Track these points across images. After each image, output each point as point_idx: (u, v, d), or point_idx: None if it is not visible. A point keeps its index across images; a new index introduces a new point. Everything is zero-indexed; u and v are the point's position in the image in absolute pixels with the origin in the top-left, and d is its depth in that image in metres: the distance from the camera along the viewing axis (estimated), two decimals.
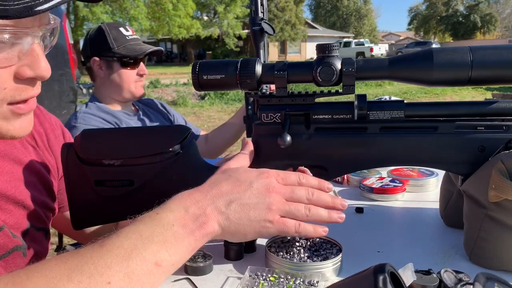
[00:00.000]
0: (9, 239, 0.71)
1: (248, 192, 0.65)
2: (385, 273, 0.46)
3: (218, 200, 0.63)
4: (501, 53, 0.69)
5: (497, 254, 0.71)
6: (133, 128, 1.37)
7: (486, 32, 50.18)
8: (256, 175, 0.68)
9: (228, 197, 0.64)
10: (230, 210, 0.63)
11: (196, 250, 0.62)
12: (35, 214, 0.80)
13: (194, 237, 0.60)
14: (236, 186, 0.65)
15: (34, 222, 0.80)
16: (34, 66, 0.61)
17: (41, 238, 0.82)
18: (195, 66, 0.79)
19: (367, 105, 0.76)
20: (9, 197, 0.74)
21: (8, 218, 0.73)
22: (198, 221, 0.61)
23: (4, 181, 0.74)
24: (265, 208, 0.65)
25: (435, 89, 11.18)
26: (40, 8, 0.52)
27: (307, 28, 37.12)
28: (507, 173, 0.67)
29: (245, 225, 0.64)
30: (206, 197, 0.63)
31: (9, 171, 0.76)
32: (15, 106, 0.63)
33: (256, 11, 1.22)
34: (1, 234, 0.70)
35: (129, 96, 1.71)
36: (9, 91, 0.60)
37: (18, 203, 0.76)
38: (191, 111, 9.67)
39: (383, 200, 1.09)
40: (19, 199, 0.76)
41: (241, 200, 0.64)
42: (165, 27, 21.33)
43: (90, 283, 0.50)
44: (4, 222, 0.71)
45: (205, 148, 1.78)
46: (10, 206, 0.74)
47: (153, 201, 0.65)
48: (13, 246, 0.72)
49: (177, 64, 31.60)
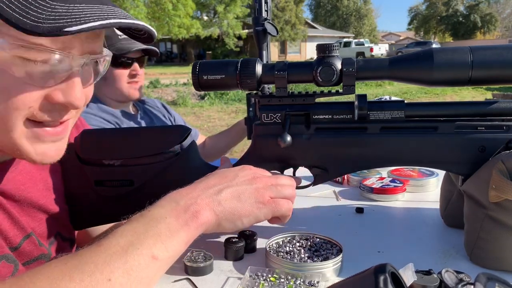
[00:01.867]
0: (35, 247, 0.71)
1: (236, 180, 0.69)
2: (386, 273, 0.46)
3: (207, 190, 0.67)
4: (501, 53, 0.69)
5: (497, 254, 0.71)
6: (133, 128, 1.37)
7: (486, 32, 50.18)
8: (239, 168, 0.73)
9: (217, 187, 0.68)
10: (221, 196, 0.66)
11: (192, 241, 0.63)
12: (63, 224, 0.80)
13: (189, 227, 0.61)
14: (222, 178, 0.70)
15: (62, 232, 0.80)
16: (67, 92, 0.59)
17: (67, 248, 0.82)
18: (195, 66, 0.79)
19: (368, 105, 0.76)
20: (41, 206, 0.74)
21: (37, 227, 0.73)
22: (190, 210, 0.63)
23: (38, 189, 0.74)
24: (254, 190, 0.69)
25: (435, 89, 11.18)
26: (69, 29, 0.51)
27: (307, 28, 37.11)
28: (507, 173, 0.67)
29: (239, 208, 0.67)
30: (195, 190, 0.66)
31: (43, 179, 0.76)
32: (39, 128, 0.60)
33: (260, 10, 1.21)
34: (28, 241, 0.70)
35: (121, 97, 1.68)
36: (34, 110, 0.58)
37: (48, 212, 0.76)
38: (191, 111, 9.67)
39: (383, 200, 1.09)
40: (50, 209, 0.76)
41: (231, 187, 0.68)
42: (165, 27, 21.33)
43: (91, 281, 0.51)
44: (32, 230, 0.71)
45: (202, 153, 1.78)
46: (40, 214, 0.74)
47: (150, 200, 0.65)
48: (38, 254, 0.72)
49: (177, 64, 31.59)
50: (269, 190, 0.71)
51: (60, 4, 0.53)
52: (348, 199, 1.12)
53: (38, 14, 0.51)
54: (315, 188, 0.95)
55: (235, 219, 0.67)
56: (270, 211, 0.70)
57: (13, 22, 0.50)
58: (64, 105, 0.60)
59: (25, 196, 0.71)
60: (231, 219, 0.67)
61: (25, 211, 0.71)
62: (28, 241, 0.70)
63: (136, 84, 1.68)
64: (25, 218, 0.71)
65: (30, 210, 0.72)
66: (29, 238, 0.70)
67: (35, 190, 0.73)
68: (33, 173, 0.74)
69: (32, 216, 0.72)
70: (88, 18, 0.53)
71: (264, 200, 0.69)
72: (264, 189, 0.70)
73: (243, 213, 0.67)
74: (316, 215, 1.03)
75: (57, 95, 0.58)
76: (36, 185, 0.73)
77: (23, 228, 0.69)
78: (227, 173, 0.71)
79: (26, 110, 0.57)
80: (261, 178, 0.72)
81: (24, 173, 0.71)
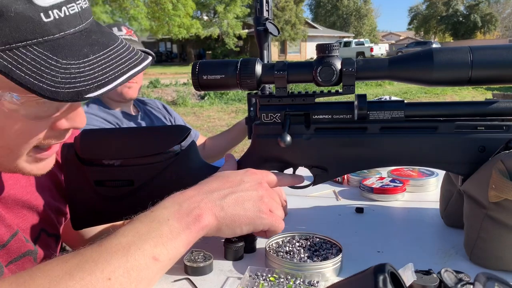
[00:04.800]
0: (22, 244, 0.71)
1: (242, 186, 0.69)
2: (385, 273, 0.46)
3: (211, 194, 0.67)
4: (501, 53, 0.69)
5: (497, 254, 0.71)
6: (133, 128, 1.37)
7: (486, 32, 50.15)
8: (243, 172, 0.72)
9: (221, 191, 0.67)
10: (225, 202, 0.66)
11: (193, 243, 0.63)
12: (47, 220, 0.80)
13: (190, 230, 0.62)
14: (227, 182, 0.69)
15: (46, 228, 0.80)
16: (72, 119, 0.61)
17: (52, 244, 0.82)
18: (195, 66, 0.79)
19: (367, 105, 0.76)
20: (24, 202, 0.74)
21: (22, 223, 0.74)
22: (193, 214, 0.63)
23: (20, 186, 0.74)
24: (259, 199, 0.69)
25: (435, 89, 11.18)
26: (89, 95, 0.52)
27: (307, 28, 37.08)
28: (507, 173, 0.67)
29: (241, 215, 0.67)
30: (199, 193, 0.66)
31: (27, 176, 0.76)
32: (40, 154, 0.63)
33: (261, 10, 1.21)
34: (16, 239, 0.70)
35: (117, 97, 1.69)
36: (40, 139, 0.60)
37: (32, 208, 0.76)
38: (191, 111, 9.67)
39: (383, 200, 1.09)
40: (33, 204, 0.76)
41: (236, 193, 0.68)
42: (165, 27, 21.31)
43: (91, 279, 0.51)
44: (18, 227, 0.72)
45: (202, 154, 1.78)
46: (24, 211, 0.74)
47: (153, 201, 0.65)
48: (25, 250, 0.72)
49: (177, 64, 31.57)
50: (271, 202, 0.71)
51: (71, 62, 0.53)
52: (348, 199, 1.12)
53: (53, 78, 0.51)
54: (315, 188, 0.95)
55: (235, 226, 0.67)
56: (268, 223, 0.70)
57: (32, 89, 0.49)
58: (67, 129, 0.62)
59: (9, 193, 0.71)
60: (231, 226, 0.67)
61: (9, 208, 0.71)
62: (16, 238, 0.70)
63: (130, 84, 1.68)
64: (10, 216, 0.71)
65: (14, 207, 0.72)
66: (16, 235, 0.70)
67: (18, 186, 0.73)
68: None
69: (16, 213, 0.73)
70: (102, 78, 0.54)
71: (266, 210, 0.70)
72: (268, 198, 0.71)
73: (244, 221, 0.68)
74: (316, 215, 1.03)
75: (63, 124, 0.61)
76: (19, 181, 0.74)
77: (9, 226, 0.69)
78: (233, 177, 0.71)
79: (35, 141, 0.59)
80: (266, 187, 0.72)
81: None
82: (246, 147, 0.83)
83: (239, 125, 1.73)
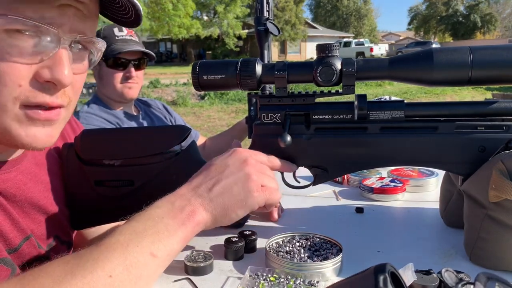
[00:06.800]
0: (34, 249, 0.71)
1: (226, 171, 0.68)
2: (386, 273, 0.46)
3: (198, 189, 0.67)
4: (501, 53, 0.69)
5: (497, 254, 0.71)
6: (133, 128, 1.37)
7: (486, 32, 50.14)
8: (228, 156, 0.72)
9: (208, 183, 0.67)
10: (212, 193, 0.66)
11: (189, 240, 0.63)
12: (61, 226, 0.80)
13: (185, 226, 0.62)
14: (213, 171, 0.69)
15: (60, 234, 0.80)
16: (54, 69, 0.58)
17: (64, 251, 0.81)
18: (195, 66, 0.79)
19: (367, 105, 0.76)
20: (41, 207, 0.73)
21: (37, 228, 0.73)
22: (186, 210, 0.63)
23: (39, 190, 0.73)
24: (245, 179, 0.68)
25: (435, 89, 11.17)
26: None
27: (307, 28, 37.06)
28: (507, 173, 0.67)
29: (232, 202, 0.67)
30: (188, 190, 0.67)
31: (45, 181, 0.76)
32: (31, 110, 0.59)
33: (262, 10, 1.21)
34: (28, 243, 0.70)
35: (117, 97, 1.69)
36: (24, 90, 0.57)
37: (48, 214, 0.75)
38: (191, 111, 9.67)
39: (383, 200, 1.09)
40: (49, 210, 0.75)
41: (221, 181, 0.67)
42: (165, 27, 21.32)
43: (93, 277, 0.52)
44: (32, 231, 0.71)
45: (203, 155, 1.78)
46: (40, 216, 0.74)
47: (153, 201, 0.65)
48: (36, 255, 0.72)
49: (177, 64, 31.56)
50: (260, 177, 0.70)
51: None
52: (348, 199, 1.12)
53: None
54: (315, 188, 0.95)
55: (229, 213, 0.67)
56: (263, 199, 0.69)
57: None
58: (52, 84, 0.59)
59: (26, 196, 0.70)
60: (225, 215, 0.66)
61: (25, 212, 0.71)
62: (27, 242, 0.70)
63: (131, 84, 1.68)
64: (25, 220, 0.70)
65: (30, 211, 0.72)
66: (28, 239, 0.70)
67: (36, 190, 0.73)
68: (35, 173, 0.73)
69: (31, 218, 0.72)
70: None
71: (258, 188, 0.68)
72: (257, 174, 0.69)
73: (237, 206, 0.67)
74: (316, 215, 1.03)
75: (45, 73, 0.58)
76: (37, 185, 0.73)
77: (23, 229, 0.69)
78: (217, 165, 0.70)
79: (16, 88, 0.56)
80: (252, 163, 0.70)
81: (26, 173, 0.71)
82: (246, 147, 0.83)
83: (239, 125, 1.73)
